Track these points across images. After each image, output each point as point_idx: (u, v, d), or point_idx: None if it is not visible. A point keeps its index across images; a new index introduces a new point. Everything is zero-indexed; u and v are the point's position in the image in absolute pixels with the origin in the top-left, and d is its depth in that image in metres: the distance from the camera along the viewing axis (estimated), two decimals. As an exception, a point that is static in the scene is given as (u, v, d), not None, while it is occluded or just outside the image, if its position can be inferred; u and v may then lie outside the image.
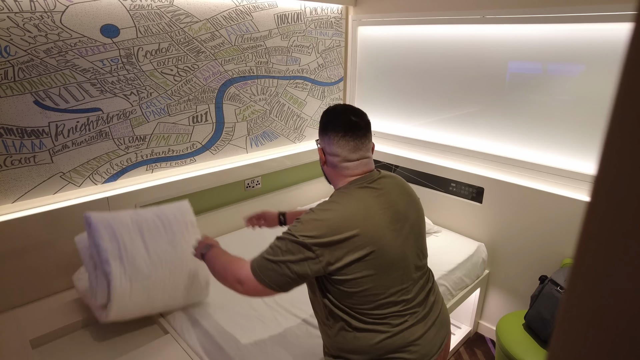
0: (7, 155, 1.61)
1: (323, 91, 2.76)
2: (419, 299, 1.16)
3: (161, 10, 1.88)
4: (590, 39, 1.79)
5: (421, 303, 1.17)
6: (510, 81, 2.08)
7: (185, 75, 2.05)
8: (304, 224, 1.06)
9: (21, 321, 1.60)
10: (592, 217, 0.24)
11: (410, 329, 1.12)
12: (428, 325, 1.16)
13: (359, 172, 1.15)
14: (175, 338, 1.54)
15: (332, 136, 1.14)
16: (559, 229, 1.96)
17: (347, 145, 1.13)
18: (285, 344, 1.51)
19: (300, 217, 1.09)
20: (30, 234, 1.68)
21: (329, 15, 2.63)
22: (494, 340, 2.33)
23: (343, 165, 1.14)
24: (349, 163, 1.14)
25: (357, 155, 1.14)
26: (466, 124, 2.31)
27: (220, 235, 2.34)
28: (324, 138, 1.17)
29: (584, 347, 0.26)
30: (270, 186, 2.61)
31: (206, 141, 2.23)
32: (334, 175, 1.18)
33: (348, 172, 1.15)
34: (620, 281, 0.24)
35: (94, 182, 1.87)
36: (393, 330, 1.10)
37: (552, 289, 1.74)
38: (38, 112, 1.64)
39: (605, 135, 0.23)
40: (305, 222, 1.06)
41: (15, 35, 1.53)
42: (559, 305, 0.28)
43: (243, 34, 2.23)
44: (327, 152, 1.16)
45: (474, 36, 2.16)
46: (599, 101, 1.82)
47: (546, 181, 2.02)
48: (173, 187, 2.09)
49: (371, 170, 1.18)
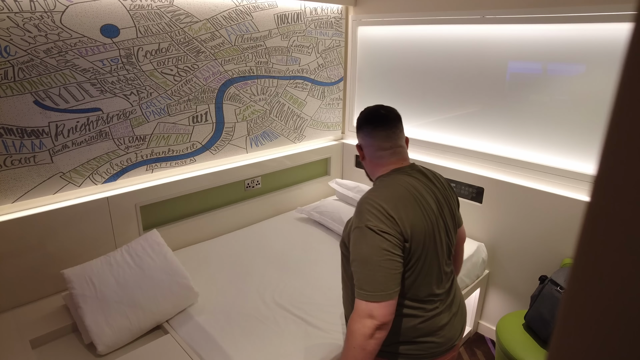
0: (7, 155, 1.61)
1: (323, 91, 2.76)
2: (447, 287, 1.24)
3: (161, 10, 1.88)
4: (590, 39, 1.79)
5: (448, 291, 1.24)
6: (510, 81, 2.08)
7: (185, 75, 2.05)
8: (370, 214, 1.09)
9: (21, 321, 1.60)
10: (592, 217, 0.24)
11: (440, 315, 1.19)
12: (453, 311, 1.25)
13: (395, 160, 1.24)
14: (175, 338, 1.54)
15: (365, 129, 1.25)
16: (559, 229, 1.96)
17: (379, 134, 1.23)
18: (285, 344, 1.51)
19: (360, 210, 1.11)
20: (30, 234, 1.68)
21: (329, 15, 2.63)
22: (494, 340, 2.33)
23: (378, 154, 1.24)
24: (383, 152, 1.24)
25: (389, 144, 1.23)
26: (466, 124, 2.31)
27: (220, 235, 2.34)
28: (360, 134, 1.28)
29: (583, 347, 0.26)
30: (270, 186, 2.62)
31: (206, 141, 2.23)
32: (372, 166, 1.27)
33: (384, 161, 1.24)
34: (620, 281, 0.24)
35: (94, 182, 1.87)
36: (426, 315, 1.17)
37: (552, 289, 1.74)
38: (38, 112, 1.64)
39: (605, 135, 0.23)
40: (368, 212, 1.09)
41: (15, 35, 1.53)
42: (559, 305, 0.28)
43: (243, 34, 2.23)
44: (364, 145, 1.27)
45: (474, 36, 2.16)
46: (599, 101, 1.82)
47: (546, 181, 2.02)
48: (173, 187, 2.09)
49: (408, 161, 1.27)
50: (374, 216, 1.07)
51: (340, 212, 2.37)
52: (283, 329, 1.59)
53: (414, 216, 1.11)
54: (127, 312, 1.54)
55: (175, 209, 2.18)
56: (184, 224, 2.19)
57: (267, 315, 1.67)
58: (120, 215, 1.93)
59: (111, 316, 1.51)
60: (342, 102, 2.92)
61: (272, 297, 1.78)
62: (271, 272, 1.97)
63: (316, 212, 2.45)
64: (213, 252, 2.13)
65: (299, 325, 1.61)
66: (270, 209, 2.62)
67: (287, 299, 1.77)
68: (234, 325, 1.60)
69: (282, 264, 2.05)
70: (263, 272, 1.96)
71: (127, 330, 1.52)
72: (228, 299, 1.76)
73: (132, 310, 1.55)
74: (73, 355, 1.49)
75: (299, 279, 1.92)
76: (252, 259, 2.08)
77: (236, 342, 1.51)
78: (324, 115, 2.83)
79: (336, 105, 2.89)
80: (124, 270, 1.65)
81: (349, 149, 2.92)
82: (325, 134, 2.89)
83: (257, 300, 1.76)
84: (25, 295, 1.71)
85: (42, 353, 1.50)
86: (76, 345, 1.54)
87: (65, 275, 1.60)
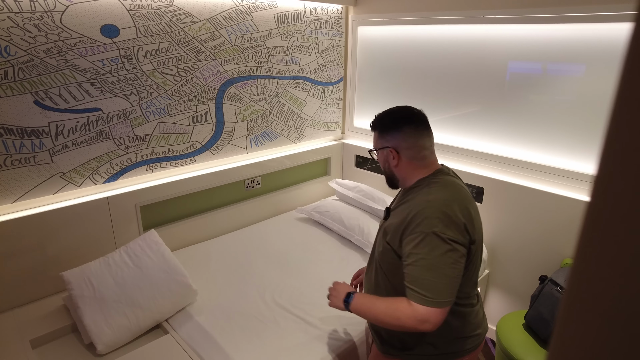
0: (7, 155, 1.61)
1: (323, 91, 2.76)
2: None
3: (161, 10, 1.88)
4: (590, 39, 1.79)
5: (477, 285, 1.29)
6: (510, 81, 2.08)
7: (185, 75, 2.05)
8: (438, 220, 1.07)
9: (21, 321, 1.60)
10: (592, 217, 0.24)
11: (479, 309, 1.26)
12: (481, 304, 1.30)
13: (434, 160, 1.21)
14: (175, 338, 1.54)
15: (406, 129, 1.17)
16: (559, 229, 1.96)
17: (422, 134, 1.18)
18: (284, 344, 1.51)
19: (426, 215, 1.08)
20: (30, 234, 1.68)
21: (329, 15, 2.63)
22: (494, 340, 2.33)
23: (422, 154, 1.18)
24: (426, 151, 1.19)
25: (430, 143, 1.20)
26: (466, 124, 2.31)
27: (220, 235, 2.34)
28: (395, 136, 1.18)
29: (584, 347, 0.26)
30: (270, 186, 2.62)
31: (206, 141, 2.23)
32: (412, 168, 1.20)
33: (426, 162, 1.19)
34: (620, 281, 0.24)
35: (94, 182, 1.87)
36: (475, 309, 1.22)
37: (552, 289, 1.74)
38: (38, 112, 1.64)
39: (605, 135, 0.23)
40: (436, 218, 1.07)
41: (15, 35, 1.53)
42: (559, 305, 0.28)
43: (243, 34, 2.23)
44: (403, 147, 1.18)
45: (474, 36, 2.16)
46: (599, 101, 1.82)
47: (546, 181, 2.02)
48: (173, 187, 2.09)
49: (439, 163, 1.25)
50: (442, 222, 1.05)
51: (340, 212, 2.37)
52: (283, 328, 1.59)
53: (475, 215, 1.13)
54: (126, 312, 1.54)
55: (175, 209, 2.18)
56: (184, 224, 2.19)
57: (267, 315, 1.67)
58: (120, 215, 1.93)
59: (110, 316, 1.52)
60: (342, 102, 2.92)
61: (272, 297, 1.78)
62: (271, 272, 1.97)
63: (316, 212, 2.45)
64: (213, 252, 2.13)
65: (299, 325, 1.61)
66: (270, 209, 2.62)
67: (287, 299, 1.77)
68: (234, 325, 1.60)
69: (282, 264, 2.05)
70: (263, 272, 1.96)
71: (126, 329, 1.52)
72: (228, 298, 1.76)
73: (131, 309, 1.55)
74: (73, 355, 1.49)
75: (299, 279, 1.92)
76: (252, 259, 2.08)
77: (236, 342, 1.51)
78: (324, 115, 2.83)
79: (336, 105, 2.89)
80: (123, 270, 1.65)
81: (349, 149, 2.92)
82: (325, 134, 2.89)
83: (257, 300, 1.76)
84: (25, 295, 1.71)
85: (42, 353, 1.50)
86: (76, 345, 1.54)
87: (65, 277, 1.60)
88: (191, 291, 1.69)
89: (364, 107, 2.85)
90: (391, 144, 1.19)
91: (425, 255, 1.05)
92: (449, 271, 1.04)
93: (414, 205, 1.11)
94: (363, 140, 2.89)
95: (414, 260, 1.06)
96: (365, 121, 2.87)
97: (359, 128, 2.90)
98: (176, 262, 1.74)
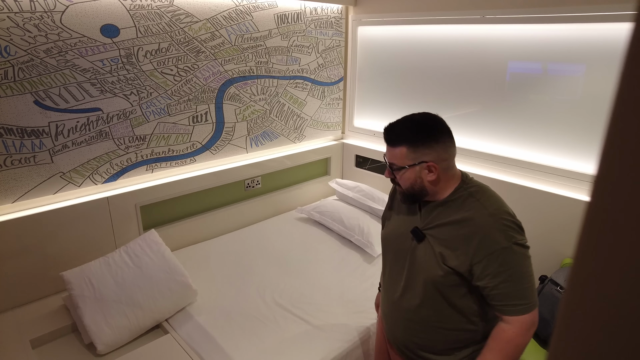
0: (7, 155, 1.61)
1: (323, 91, 2.76)
2: None
3: (161, 10, 1.88)
4: (590, 39, 1.79)
5: None
6: (510, 81, 2.08)
7: (185, 75, 2.05)
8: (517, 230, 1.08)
9: (21, 321, 1.60)
10: (592, 217, 0.24)
11: None
12: None
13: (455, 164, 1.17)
14: (175, 338, 1.54)
15: (444, 139, 1.11)
16: (559, 229, 1.96)
17: (453, 142, 1.14)
18: (285, 343, 1.51)
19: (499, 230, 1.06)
20: (31, 234, 1.68)
21: (329, 15, 2.63)
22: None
23: (452, 163, 1.14)
24: (453, 160, 1.15)
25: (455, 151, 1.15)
26: (466, 124, 2.30)
27: (220, 235, 2.34)
28: (434, 148, 1.09)
29: (583, 347, 0.26)
30: (270, 186, 2.62)
31: (206, 141, 2.23)
32: (445, 180, 1.13)
33: (455, 170, 1.15)
34: (620, 281, 0.24)
35: (94, 182, 1.87)
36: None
37: (552, 289, 1.74)
38: (38, 112, 1.64)
39: (605, 135, 0.23)
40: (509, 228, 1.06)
41: (15, 35, 1.53)
42: (559, 305, 0.28)
43: (243, 34, 2.23)
44: (442, 159, 1.10)
45: (474, 36, 2.16)
46: (599, 101, 1.82)
47: (546, 181, 2.02)
48: (173, 187, 2.09)
49: None
50: (514, 230, 1.06)
51: (340, 212, 2.37)
52: (283, 329, 1.59)
53: None
54: (126, 311, 1.54)
55: (175, 209, 2.18)
56: (184, 224, 2.19)
57: (267, 315, 1.67)
58: (121, 215, 1.93)
59: (110, 316, 1.52)
60: (342, 102, 2.92)
61: (272, 297, 1.78)
62: (271, 272, 1.97)
63: (316, 212, 2.45)
64: (213, 252, 2.13)
65: (299, 325, 1.61)
66: (270, 209, 2.62)
67: (287, 299, 1.77)
68: (234, 325, 1.60)
69: (282, 264, 2.05)
70: (263, 272, 1.96)
71: (126, 329, 1.52)
72: (228, 298, 1.76)
73: (131, 309, 1.55)
74: (73, 355, 1.49)
75: (299, 279, 1.92)
76: (252, 259, 2.08)
77: (236, 342, 1.51)
78: (324, 115, 2.83)
79: (336, 105, 2.89)
80: (123, 270, 1.65)
81: (349, 149, 2.92)
82: (325, 133, 2.89)
83: (257, 300, 1.76)
84: (25, 296, 1.71)
85: (42, 353, 1.50)
86: (76, 345, 1.54)
87: (65, 277, 1.60)
88: (191, 291, 1.69)
89: (364, 107, 2.85)
90: (430, 158, 1.09)
91: (515, 268, 1.05)
92: (532, 271, 1.08)
93: (476, 226, 1.06)
94: (363, 140, 2.89)
95: (505, 278, 1.04)
96: (365, 121, 2.87)
97: (359, 128, 2.90)
98: (176, 262, 1.74)
